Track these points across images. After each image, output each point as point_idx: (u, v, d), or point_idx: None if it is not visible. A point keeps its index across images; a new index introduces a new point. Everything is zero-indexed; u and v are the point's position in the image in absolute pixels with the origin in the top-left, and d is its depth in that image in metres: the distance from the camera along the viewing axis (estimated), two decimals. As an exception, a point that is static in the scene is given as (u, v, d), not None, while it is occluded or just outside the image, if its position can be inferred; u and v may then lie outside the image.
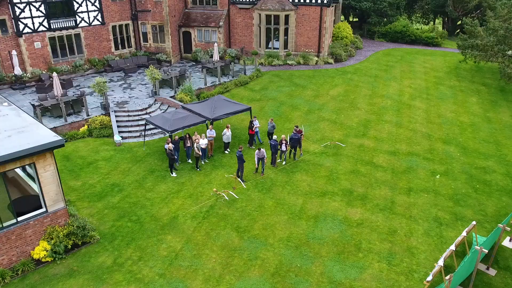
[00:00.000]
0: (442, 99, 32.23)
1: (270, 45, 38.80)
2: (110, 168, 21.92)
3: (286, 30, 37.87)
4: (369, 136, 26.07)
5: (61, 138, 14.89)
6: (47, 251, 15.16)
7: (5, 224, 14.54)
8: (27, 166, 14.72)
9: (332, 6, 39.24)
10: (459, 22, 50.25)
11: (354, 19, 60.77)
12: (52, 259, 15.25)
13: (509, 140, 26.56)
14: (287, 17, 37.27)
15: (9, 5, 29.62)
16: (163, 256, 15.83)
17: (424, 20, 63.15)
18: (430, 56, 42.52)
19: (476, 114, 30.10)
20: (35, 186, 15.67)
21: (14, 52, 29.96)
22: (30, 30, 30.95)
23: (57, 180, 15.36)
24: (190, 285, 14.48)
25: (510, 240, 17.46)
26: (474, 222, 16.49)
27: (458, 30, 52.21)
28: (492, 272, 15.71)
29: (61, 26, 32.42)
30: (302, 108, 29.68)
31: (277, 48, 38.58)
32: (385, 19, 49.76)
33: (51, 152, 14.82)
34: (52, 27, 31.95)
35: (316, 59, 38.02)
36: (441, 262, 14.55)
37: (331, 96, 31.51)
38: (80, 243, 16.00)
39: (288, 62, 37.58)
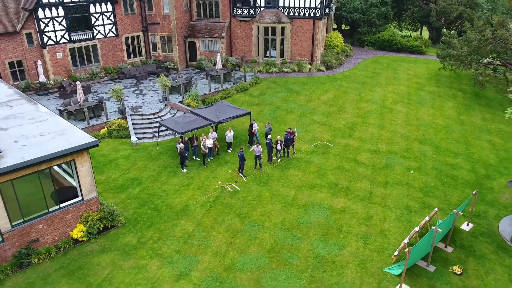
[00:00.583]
0: (422, 103, 35.08)
1: (267, 54, 41.64)
2: (129, 165, 24.75)
3: (282, 41, 40.67)
4: (354, 137, 28.93)
5: (95, 139, 17.73)
6: (83, 232, 17.99)
7: (50, 210, 17.36)
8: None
9: (324, 19, 42.05)
10: (443, 31, 53.01)
11: (346, 27, 63.58)
12: (87, 238, 18.09)
13: (477, 140, 29.44)
14: (283, 29, 40.10)
15: (35, 20, 32.42)
16: (178, 237, 18.68)
17: (413, 27, 66.01)
18: (414, 64, 45.37)
19: (451, 117, 32.96)
20: (69, 179, 18.54)
21: (39, 62, 32.75)
22: (53, 42, 33.74)
23: (91, 174, 18.20)
24: (201, 259, 17.33)
25: (467, 224, 20.34)
26: (436, 209, 19.45)
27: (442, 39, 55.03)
28: (449, 249, 18.56)
29: (80, 38, 35.22)
30: (296, 112, 32.52)
31: (274, 57, 41.43)
32: (374, 29, 52.53)
33: (87, 151, 17.66)
34: (72, 39, 34.74)
35: (310, 66, 40.86)
36: (405, 240, 17.46)
37: (322, 101, 34.35)
38: (109, 226, 18.84)
39: (284, 69, 40.41)
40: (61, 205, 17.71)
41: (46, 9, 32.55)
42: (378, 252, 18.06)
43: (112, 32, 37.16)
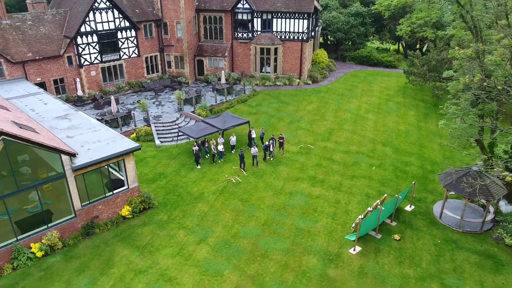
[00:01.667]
0: (389, 112, 40.85)
1: (263, 70, 47.37)
2: (156, 163, 30.44)
3: (275, 59, 46.42)
4: (331, 140, 34.67)
5: (138, 144, 23.45)
6: (129, 211, 23.67)
7: (106, 195, 23.06)
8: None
9: (311, 40, 47.78)
10: (409, 52, 58.82)
11: (333, 41, 69.13)
12: (132, 216, 23.77)
13: (429, 143, 35.17)
14: (276, 49, 45.84)
15: (75, 45, 38.03)
16: (197, 215, 24.39)
17: (392, 41, 71.71)
18: (386, 77, 51.15)
19: (411, 123, 38.72)
20: (116, 173, 24.22)
21: (77, 80, 38.40)
22: (88, 63, 39.35)
23: (135, 169, 23.89)
24: (214, 230, 23.04)
25: (410, 206, 26.07)
26: (385, 195, 25.14)
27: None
28: (394, 223, 24.32)
29: (109, 59, 40.85)
30: (286, 119, 38.23)
31: (269, 72, 47.18)
32: (355, 46, 58.21)
33: (132, 153, 23.35)
34: (103, 60, 40.36)
35: (298, 80, 46.61)
36: (360, 216, 23.17)
37: (307, 111, 40.07)
38: (147, 207, 24.54)
39: (277, 83, 46.15)
40: (114, 192, 23.41)
41: (84, 36, 38.18)
42: (342, 225, 23.82)
43: (135, 53, 42.80)
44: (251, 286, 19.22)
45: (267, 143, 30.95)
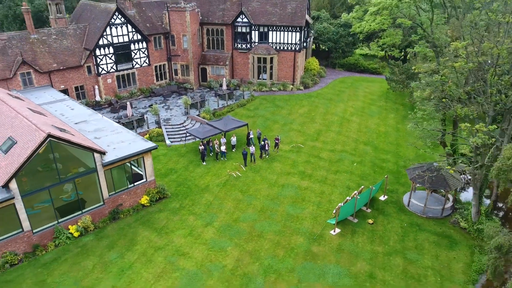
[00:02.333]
0: (371, 115, 44.61)
1: (260, 77, 51.05)
2: (167, 160, 34.13)
3: (271, 67, 50.11)
4: (319, 140, 38.39)
5: (155, 144, 27.15)
6: (147, 200, 27.38)
7: (128, 186, 26.76)
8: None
9: (303, 50, 51.47)
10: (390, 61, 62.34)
11: (325, 48, 72.77)
12: (150, 204, 27.48)
13: (405, 142, 38.76)
14: (271, 58, 49.53)
15: (93, 57, 41.64)
16: (204, 203, 28.11)
17: (380, 49, 75.38)
18: (371, 83, 54.89)
19: (391, 125, 42.48)
20: (135, 169, 27.89)
21: (96, 87, 42.05)
22: (105, 72, 42.98)
23: (152, 165, 27.59)
24: (219, 216, 26.77)
25: (383, 196, 29.83)
26: (362, 187, 28.88)
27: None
28: (369, 210, 28.07)
29: (123, 68, 44.46)
30: (280, 122, 41.93)
31: (265, 79, 50.86)
32: (344, 54, 61.85)
33: (150, 151, 27.04)
34: (118, 69, 43.98)
35: (292, 86, 50.31)
36: (340, 204, 26.91)
37: (299, 114, 43.78)
38: (162, 197, 28.25)
39: (272, 89, 49.83)
40: (134, 184, 27.13)
41: (101, 48, 41.81)
42: (325, 212, 27.57)
43: (146, 62, 46.42)
44: (249, 259, 22.98)
45: (262, 143, 34.65)
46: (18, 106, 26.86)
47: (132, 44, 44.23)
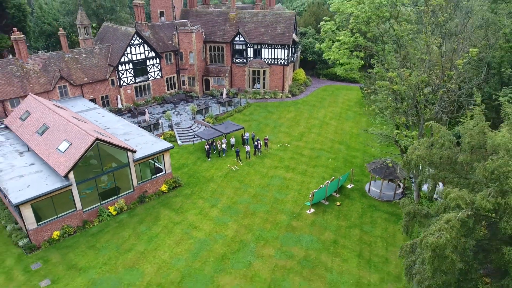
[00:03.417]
0: (347, 119, 50.79)
1: (255, 86, 57.13)
2: (179, 157, 40.20)
3: (264, 78, 56.19)
4: (302, 140, 44.54)
5: (172, 144, 33.24)
6: (166, 188, 33.48)
7: (152, 177, 32.86)
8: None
9: (291, 64, 57.58)
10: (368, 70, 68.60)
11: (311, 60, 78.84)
12: (168, 191, 33.59)
13: (372, 142, 45.01)
14: (264, 71, 55.64)
15: (116, 71, 47.60)
16: (210, 190, 34.24)
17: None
18: (350, 91, 61.03)
19: (362, 128, 48.58)
20: (156, 164, 33.94)
21: (118, 96, 48.03)
22: (125, 84, 48.96)
23: (170, 161, 33.68)
24: (221, 199, 32.91)
25: (350, 185, 36.03)
26: (333, 177, 35.06)
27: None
28: (337, 195, 34.29)
29: (140, 80, 50.45)
30: (271, 125, 48.06)
31: (259, 88, 56.95)
32: (327, 65, 67.86)
33: (168, 150, 33.13)
34: (136, 81, 49.98)
35: (281, 94, 56.43)
36: (314, 191, 33.09)
37: (286, 118, 49.93)
38: (177, 185, 34.33)
39: (265, 96, 55.94)
40: (156, 175, 33.23)
41: (123, 64, 47.77)
42: (303, 197, 33.75)
43: (159, 75, 52.41)
44: (245, 231, 29.20)
45: (256, 143, 40.81)
46: (65, 115, 32.84)
47: (147, 60, 50.21)
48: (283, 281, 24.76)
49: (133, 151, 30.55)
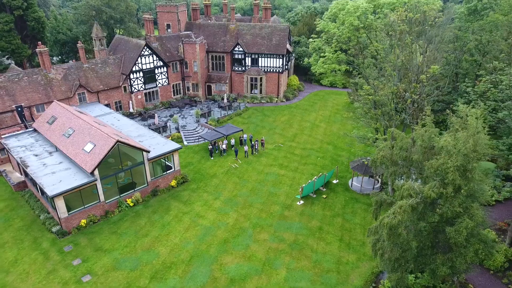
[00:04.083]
0: (335, 122, 54.58)
1: (252, 92, 60.88)
2: (185, 156, 43.93)
3: (260, 84, 59.92)
4: (295, 141, 48.34)
5: (180, 145, 36.98)
6: (175, 183, 37.23)
7: (163, 174, 36.61)
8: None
9: (285, 71, 61.34)
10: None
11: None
12: (177, 186, 37.32)
13: (355, 144, 48.86)
14: (261, 78, 59.37)
15: (128, 79, 51.27)
16: (213, 185, 38.01)
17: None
18: (339, 96, 64.78)
19: (348, 130, 52.32)
20: (166, 162, 37.68)
21: (130, 102, 51.72)
22: (136, 90, 52.63)
23: (178, 159, 37.43)
24: (223, 193, 36.69)
25: (335, 180, 39.84)
26: (320, 173, 38.88)
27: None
28: (324, 189, 38.11)
29: (150, 87, 54.13)
30: (267, 127, 51.82)
31: (256, 93, 60.70)
32: (319, 71, 71.69)
33: (177, 150, 36.88)
34: (146, 87, 53.65)
35: (276, 99, 60.18)
36: (303, 185, 36.93)
37: (281, 121, 53.70)
38: (184, 181, 38.07)
39: (261, 101, 59.67)
40: (166, 172, 36.99)
41: (134, 73, 51.44)
42: (295, 191, 37.56)
43: (166, 82, 56.10)
44: (243, 219, 33.02)
45: (253, 143, 44.58)
46: (87, 119, 36.53)
47: (156, 68, 53.88)
48: (276, 260, 28.61)
49: (148, 151, 34.30)
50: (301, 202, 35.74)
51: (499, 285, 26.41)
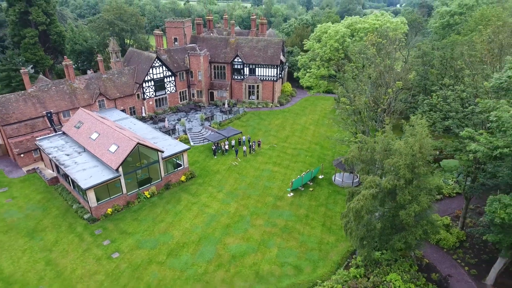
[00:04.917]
0: (323, 125, 59.28)
1: (250, 97, 65.53)
2: (192, 155, 48.57)
3: (257, 91, 64.58)
4: (287, 142, 53.05)
5: (189, 146, 41.66)
6: (184, 178, 41.87)
7: (174, 170, 41.27)
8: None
9: (280, 79, 66.00)
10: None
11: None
12: (186, 181, 41.97)
13: (336, 145, 53.63)
14: (258, 86, 64.02)
15: (141, 87, 55.82)
16: (217, 180, 42.70)
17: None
18: (327, 101, 69.50)
19: (334, 131, 57.04)
20: (176, 160, 42.35)
21: (142, 107, 56.32)
22: (148, 97, 57.20)
23: (187, 158, 42.11)
24: (225, 187, 41.40)
25: (321, 176, 44.58)
26: (308, 170, 43.64)
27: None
28: (311, 183, 42.86)
29: (159, 94, 58.70)
30: (263, 130, 56.49)
31: (254, 99, 65.36)
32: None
33: (186, 150, 41.54)
34: (156, 95, 58.22)
35: (271, 104, 64.85)
36: (293, 180, 41.70)
37: (275, 124, 58.38)
38: (192, 177, 42.73)
39: (258, 106, 64.34)
40: (177, 169, 41.66)
41: (146, 82, 56.01)
42: (286, 185, 42.28)
43: (173, 89, 60.69)
44: (243, 208, 37.77)
45: (250, 143, 49.27)
46: (109, 124, 41.11)
47: (165, 78, 58.44)
48: (269, 241, 33.39)
49: (162, 151, 38.96)
50: (291, 194, 40.47)
51: (450, 260, 31.30)
